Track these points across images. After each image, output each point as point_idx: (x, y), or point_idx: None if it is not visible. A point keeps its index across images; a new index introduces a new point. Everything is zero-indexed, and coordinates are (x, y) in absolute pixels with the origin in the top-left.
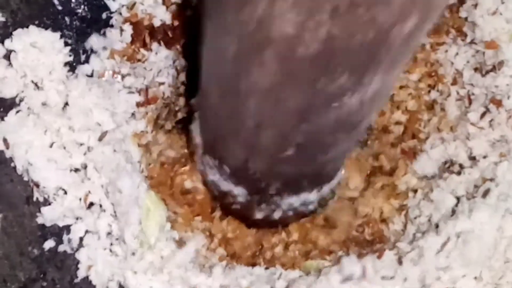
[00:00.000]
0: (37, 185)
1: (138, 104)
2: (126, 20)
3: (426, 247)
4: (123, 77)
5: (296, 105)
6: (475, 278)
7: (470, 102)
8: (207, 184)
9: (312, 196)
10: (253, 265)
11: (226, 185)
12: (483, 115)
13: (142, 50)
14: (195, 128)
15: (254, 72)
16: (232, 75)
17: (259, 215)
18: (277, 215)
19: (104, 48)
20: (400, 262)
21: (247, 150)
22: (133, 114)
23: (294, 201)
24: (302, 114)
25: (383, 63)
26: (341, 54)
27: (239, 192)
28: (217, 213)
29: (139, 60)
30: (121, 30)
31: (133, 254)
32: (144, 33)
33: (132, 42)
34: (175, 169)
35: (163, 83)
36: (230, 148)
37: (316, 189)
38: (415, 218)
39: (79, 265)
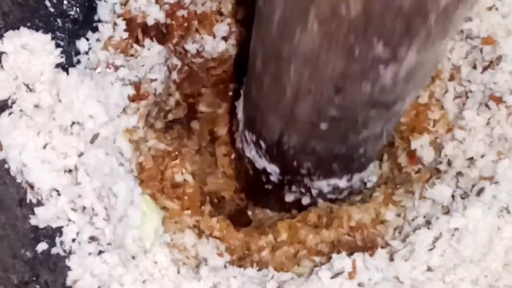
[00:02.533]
0: (32, 186)
1: (130, 98)
2: (119, 16)
3: (418, 241)
4: (116, 68)
5: (332, 73)
6: (471, 280)
7: (467, 99)
8: (243, 162)
9: (342, 183)
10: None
11: (261, 162)
12: (481, 113)
13: (135, 45)
14: (238, 104)
15: (296, 35)
16: (276, 39)
17: (288, 198)
18: (305, 200)
19: (98, 40)
20: (391, 259)
21: (283, 123)
22: (124, 110)
23: (323, 186)
24: (337, 83)
25: (419, 36)
26: (378, 20)
27: (272, 170)
28: (207, 208)
29: (132, 55)
30: (115, 24)
31: (133, 258)
32: (137, 30)
33: (125, 38)
34: (166, 163)
35: (155, 80)
36: (268, 121)
37: (346, 176)
38: (413, 220)
39: (71, 269)
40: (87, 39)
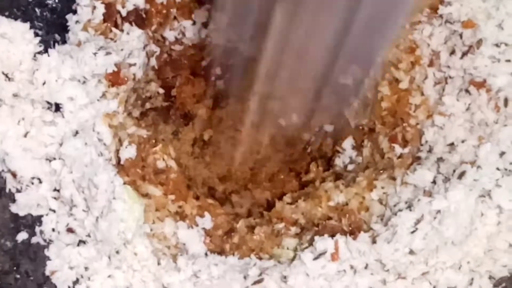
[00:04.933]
0: (14, 175)
1: (109, 78)
2: None
3: (400, 223)
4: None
5: None
6: (453, 264)
7: (447, 85)
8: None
9: None
10: (221, 250)
11: None
12: (461, 98)
13: (114, 29)
14: None
15: None
16: None
17: None
18: None
19: (77, 22)
20: (374, 241)
21: None
22: (104, 94)
23: None
24: None
25: None
26: None
27: None
28: (191, 192)
29: (111, 39)
30: (93, 7)
31: (117, 252)
32: (116, 15)
33: (104, 21)
34: (147, 149)
35: (134, 64)
36: None
37: None
38: (395, 205)
39: (51, 259)
40: (66, 21)
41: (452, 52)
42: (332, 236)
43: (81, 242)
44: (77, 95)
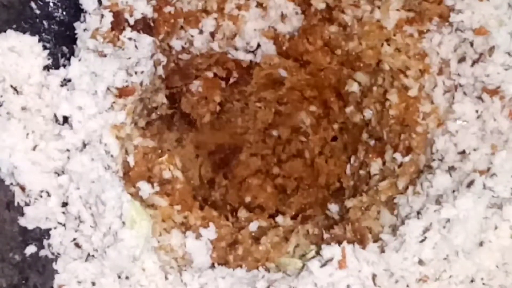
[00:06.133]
0: (23, 188)
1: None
2: (106, 8)
3: (408, 232)
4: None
5: None
6: (466, 276)
7: (457, 93)
8: None
9: None
10: (225, 261)
11: None
12: (472, 106)
13: (121, 38)
14: None
15: None
16: None
17: None
18: None
19: (85, 30)
20: (382, 251)
21: None
22: (112, 106)
23: None
24: None
25: None
26: None
27: None
28: (196, 202)
29: (119, 47)
30: (102, 16)
31: (125, 268)
32: (124, 24)
33: (112, 29)
34: (153, 159)
35: (141, 73)
36: None
37: None
38: (406, 216)
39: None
40: (74, 33)
41: (462, 60)
42: (339, 244)
43: (90, 256)
44: (86, 105)
